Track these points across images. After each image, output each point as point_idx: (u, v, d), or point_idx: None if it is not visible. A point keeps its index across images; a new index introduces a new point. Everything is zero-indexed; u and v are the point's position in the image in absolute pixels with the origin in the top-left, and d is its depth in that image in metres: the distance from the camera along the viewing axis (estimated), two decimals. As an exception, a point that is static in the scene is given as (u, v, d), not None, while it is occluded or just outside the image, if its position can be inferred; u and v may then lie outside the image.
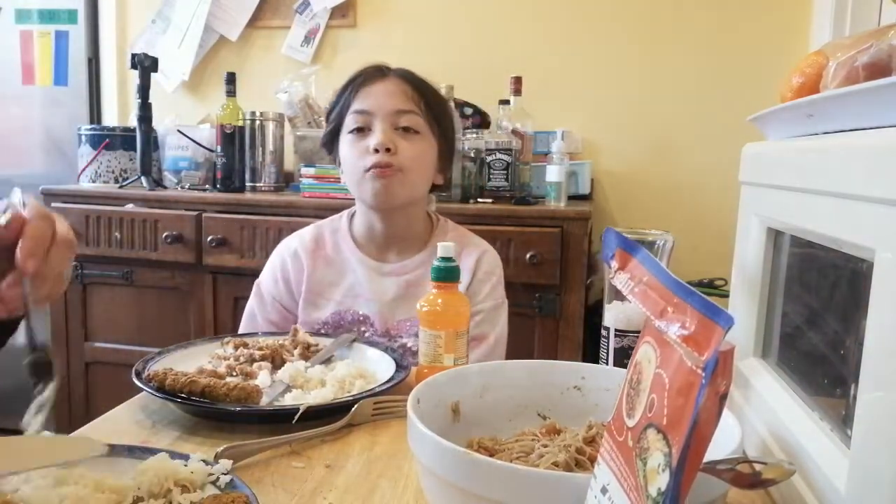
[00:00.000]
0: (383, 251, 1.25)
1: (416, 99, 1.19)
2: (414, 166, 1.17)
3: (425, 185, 1.23)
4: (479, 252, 1.25)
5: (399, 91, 1.19)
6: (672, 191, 2.32)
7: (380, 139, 1.15)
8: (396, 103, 1.18)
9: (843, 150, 0.55)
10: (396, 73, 1.22)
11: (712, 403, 0.34)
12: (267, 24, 2.56)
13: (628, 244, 0.50)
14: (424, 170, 1.21)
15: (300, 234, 1.30)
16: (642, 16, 2.31)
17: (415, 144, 1.18)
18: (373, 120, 1.18)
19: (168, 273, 2.08)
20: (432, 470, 0.55)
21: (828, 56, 0.64)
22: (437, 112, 1.22)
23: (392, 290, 1.22)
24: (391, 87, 1.19)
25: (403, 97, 1.18)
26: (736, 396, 0.79)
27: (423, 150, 1.19)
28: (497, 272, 1.26)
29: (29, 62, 2.68)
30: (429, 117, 1.20)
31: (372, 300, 1.22)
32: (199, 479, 0.62)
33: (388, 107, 1.17)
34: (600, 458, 0.45)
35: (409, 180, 1.17)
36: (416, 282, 1.22)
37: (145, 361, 0.92)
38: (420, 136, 1.19)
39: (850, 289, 0.61)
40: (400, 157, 1.16)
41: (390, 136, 1.16)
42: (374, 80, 1.20)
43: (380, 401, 0.85)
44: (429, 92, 1.22)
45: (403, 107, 1.18)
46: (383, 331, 1.21)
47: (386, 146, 1.15)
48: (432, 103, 1.21)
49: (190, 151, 2.30)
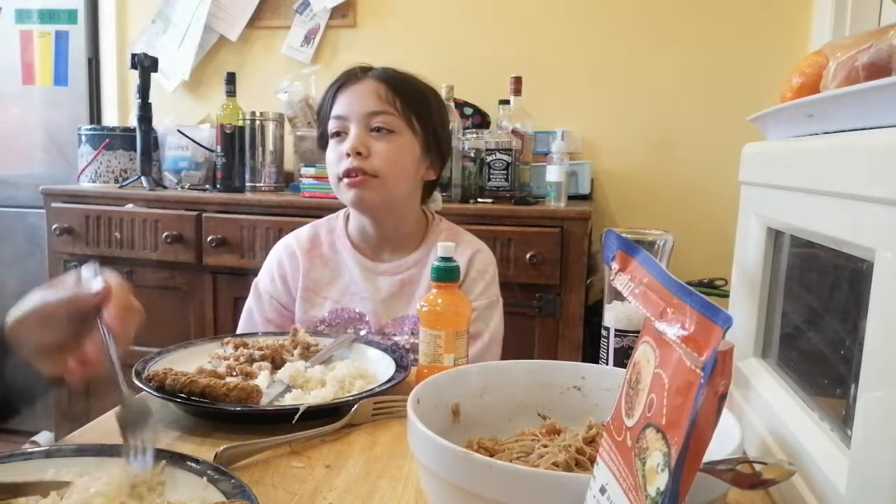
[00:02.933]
0: (377, 250, 1.26)
1: (389, 98, 1.17)
2: (389, 168, 1.17)
3: (407, 183, 1.22)
4: (471, 251, 1.25)
5: (371, 92, 1.17)
6: (672, 191, 2.32)
7: (351, 143, 1.15)
8: (368, 105, 1.17)
9: (843, 150, 0.55)
10: (374, 73, 1.21)
11: (711, 403, 0.35)
12: (267, 24, 2.56)
13: (629, 246, 0.50)
14: (402, 169, 1.19)
15: (297, 234, 1.31)
16: (642, 16, 2.31)
17: (389, 144, 1.17)
18: (348, 124, 1.18)
19: (168, 273, 2.08)
20: (432, 470, 0.55)
21: (828, 56, 0.64)
22: (415, 106, 1.20)
23: (386, 288, 1.23)
24: (364, 89, 1.18)
25: (376, 98, 1.17)
26: (736, 396, 0.79)
27: (398, 150, 1.18)
28: (490, 270, 1.26)
29: (29, 62, 2.68)
30: (405, 114, 1.18)
31: (367, 298, 1.23)
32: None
33: (361, 109, 1.17)
34: (599, 458, 0.45)
35: (384, 183, 1.17)
36: (411, 280, 1.23)
37: (145, 361, 0.92)
38: (395, 135, 1.18)
39: (850, 289, 0.61)
40: (373, 160, 1.15)
41: (362, 139, 1.16)
42: (350, 83, 1.20)
43: (380, 401, 0.85)
44: (405, 88, 1.20)
45: (376, 108, 1.17)
46: (377, 329, 1.22)
47: (357, 150, 1.15)
48: (409, 99, 1.19)
49: (190, 151, 2.30)
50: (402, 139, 1.18)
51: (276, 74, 2.44)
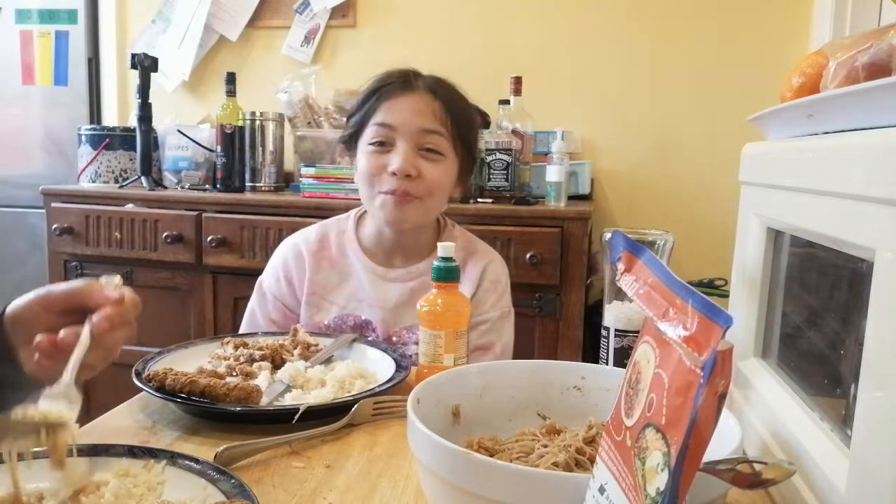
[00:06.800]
0: (389, 257, 1.23)
1: (443, 118, 1.13)
2: (434, 192, 1.14)
3: (442, 205, 1.21)
4: (484, 262, 1.23)
5: (426, 109, 1.13)
6: (672, 191, 2.32)
7: (401, 165, 1.10)
8: (423, 122, 1.12)
9: (843, 150, 0.55)
10: (426, 84, 1.15)
11: (711, 403, 0.35)
12: (267, 24, 2.56)
13: (635, 247, 0.50)
14: (443, 192, 1.18)
15: (305, 234, 1.27)
16: (642, 16, 2.31)
17: (437, 167, 1.14)
18: (395, 136, 1.13)
19: (168, 273, 2.08)
20: (432, 470, 0.55)
21: (828, 56, 0.64)
22: (464, 130, 1.17)
23: (395, 296, 1.20)
24: (419, 102, 1.13)
25: (430, 116, 1.12)
26: (736, 396, 0.79)
27: (444, 173, 1.15)
28: (503, 281, 1.24)
29: (29, 62, 2.68)
30: (454, 137, 1.15)
31: (375, 306, 1.19)
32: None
33: (414, 125, 1.12)
34: (598, 458, 0.45)
35: (425, 206, 1.15)
36: (421, 288, 1.18)
37: (145, 361, 0.92)
38: (443, 158, 1.14)
39: (850, 289, 0.61)
40: (421, 183, 1.12)
41: (412, 160, 1.11)
42: (402, 93, 1.14)
43: (380, 401, 0.85)
44: (457, 108, 1.16)
45: (429, 126, 1.12)
46: (385, 337, 1.19)
47: (407, 172, 1.11)
48: (460, 121, 1.15)
49: (190, 151, 2.30)
50: (447, 162, 1.15)
51: (276, 74, 2.43)
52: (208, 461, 0.66)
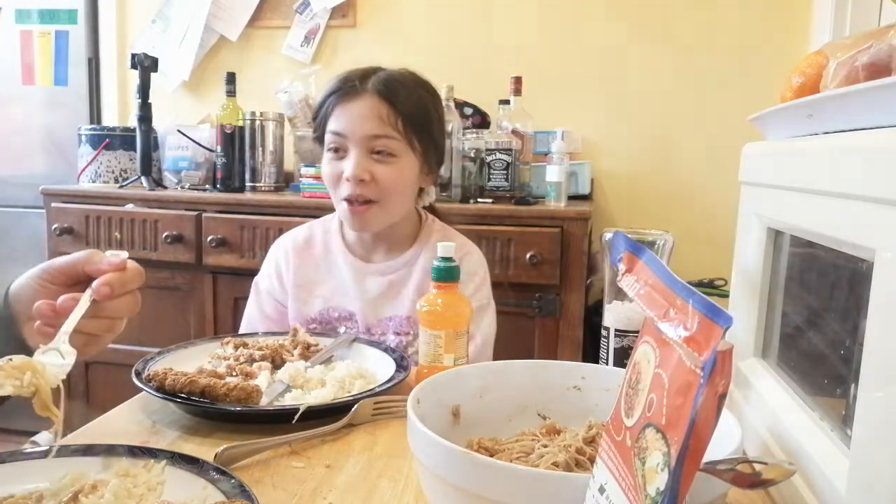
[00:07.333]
0: (371, 251, 1.27)
1: (391, 119, 1.14)
2: (392, 193, 1.16)
3: (407, 202, 1.23)
4: (460, 254, 1.23)
5: (371, 114, 1.13)
6: (672, 191, 2.32)
7: (353, 171, 1.13)
8: (370, 128, 1.13)
9: (843, 150, 0.55)
10: (374, 87, 1.15)
11: (711, 403, 0.35)
12: (267, 24, 2.56)
13: (636, 247, 0.50)
14: (404, 191, 1.19)
15: (293, 233, 1.32)
16: (642, 16, 2.31)
17: (391, 169, 1.15)
18: (347, 143, 1.15)
19: (168, 273, 2.08)
20: (432, 470, 0.55)
21: (828, 56, 0.64)
22: (417, 125, 1.16)
23: (375, 288, 1.23)
24: (365, 108, 1.14)
25: (377, 120, 1.13)
26: (736, 396, 0.79)
27: (400, 173, 1.16)
28: (480, 273, 1.25)
29: (29, 62, 2.68)
30: (407, 135, 1.16)
31: (356, 298, 1.23)
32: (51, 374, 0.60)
33: (362, 131, 1.14)
34: (598, 458, 0.45)
35: (386, 209, 1.17)
36: (400, 280, 1.23)
37: (145, 361, 0.92)
38: (396, 160, 1.15)
39: (850, 289, 0.61)
40: (376, 186, 1.14)
41: (364, 165, 1.13)
42: (350, 98, 1.15)
43: (380, 401, 0.85)
44: (406, 106, 1.15)
45: (378, 131, 1.13)
46: (364, 328, 1.22)
47: (360, 178, 1.13)
48: (410, 118, 1.15)
49: (190, 151, 2.30)
50: (402, 161, 1.16)
51: (276, 74, 2.44)
52: (208, 461, 0.66)
